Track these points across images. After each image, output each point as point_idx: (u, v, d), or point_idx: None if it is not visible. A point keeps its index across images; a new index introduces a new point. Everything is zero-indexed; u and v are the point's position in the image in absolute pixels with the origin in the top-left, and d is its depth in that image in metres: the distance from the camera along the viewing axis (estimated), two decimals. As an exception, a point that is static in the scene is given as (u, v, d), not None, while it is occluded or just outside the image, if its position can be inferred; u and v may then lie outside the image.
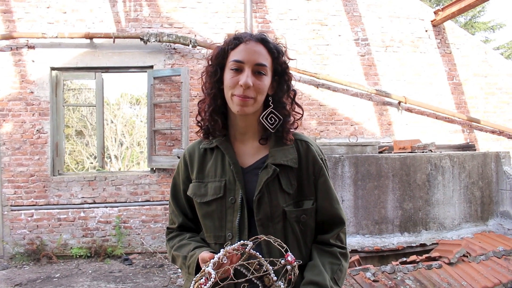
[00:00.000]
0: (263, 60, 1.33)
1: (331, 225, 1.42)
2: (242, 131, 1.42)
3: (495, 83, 7.51)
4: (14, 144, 6.32)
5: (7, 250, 6.20)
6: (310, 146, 1.43)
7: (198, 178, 1.42)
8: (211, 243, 1.40)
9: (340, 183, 4.58)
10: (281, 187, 1.34)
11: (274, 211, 1.32)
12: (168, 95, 6.64)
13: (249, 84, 1.28)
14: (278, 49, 1.38)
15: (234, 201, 1.34)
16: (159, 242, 6.46)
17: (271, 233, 1.31)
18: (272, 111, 1.38)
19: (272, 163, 1.34)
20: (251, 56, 1.32)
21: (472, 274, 3.73)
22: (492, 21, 17.24)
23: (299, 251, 1.36)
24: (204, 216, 1.40)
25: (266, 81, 1.34)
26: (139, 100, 17.04)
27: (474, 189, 4.97)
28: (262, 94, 1.33)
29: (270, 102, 1.39)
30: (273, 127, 1.37)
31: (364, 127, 7.10)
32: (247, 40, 1.34)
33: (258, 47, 1.34)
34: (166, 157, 6.46)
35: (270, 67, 1.36)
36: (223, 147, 1.40)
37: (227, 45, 1.36)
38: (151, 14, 6.64)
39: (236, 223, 1.33)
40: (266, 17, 6.91)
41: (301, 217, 1.35)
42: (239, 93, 1.30)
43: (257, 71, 1.32)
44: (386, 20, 7.22)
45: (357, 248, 4.32)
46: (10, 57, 6.36)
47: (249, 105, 1.31)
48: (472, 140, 7.34)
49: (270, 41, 1.37)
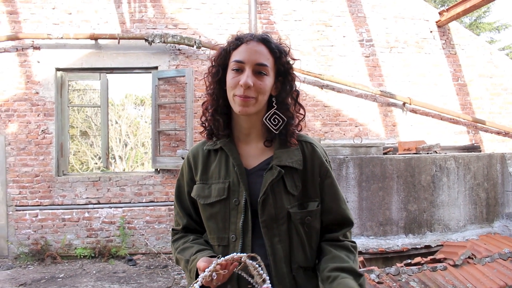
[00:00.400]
0: (264, 60, 1.32)
1: (339, 226, 1.41)
2: (246, 132, 1.41)
3: (501, 84, 7.48)
4: (19, 145, 6.35)
5: (12, 250, 6.23)
6: (315, 147, 1.42)
7: (202, 180, 1.42)
8: (214, 245, 1.39)
9: (344, 184, 4.57)
10: (286, 188, 1.33)
11: (278, 213, 1.32)
12: (172, 96, 6.65)
13: (249, 84, 1.27)
14: (280, 49, 1.36)
15: (238, 203, 1.33)
16: (163, 243, 6.46)
17: (276, 235, 1.31)
18: (276, 112, 1.37)
19: (277, 164, 1.33)
20: (251, 56, 1.31)
21: (477, 276, 3.71)
22: (497, 22, 17.17)
23: (304, 252, 1.35)
24: (207, 218, 1.40)
25: (268, 81, 1.33)
26: (143, 101, 17.09)
27: (479, 190, 4.94)
28: (263, 94, 1.32)
29: (273, 103, 1.38)
30: (277, 128, 1.36)
31: (368, 128, 7.08)
32: (249, 40, 1.34)
33: (259, 47, 1.33)
34: (170, 158, 6.47)
35: (272, 67, 1.34)
36: (227, 148, 1.39)
37: (229, 45, 1.36)
38: (155, 15, 6.66)
39: (240, 225, 1.32)
40: (270, 18, 6.91)
41: (306, 219, 1.34)
42: (240, 93, 1.29)
43: (257, 71, 1.31)
44: (391, 21, 7.20)
45: (362, 250, 4.30)
46: (16, 58, 6.40)
47: (250, 105, 1.30)
48: (477, 141, 7.30)
49: (272, 41, 1.36)
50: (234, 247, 1.32)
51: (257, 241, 1.32)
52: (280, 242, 1.32)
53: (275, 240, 1.31)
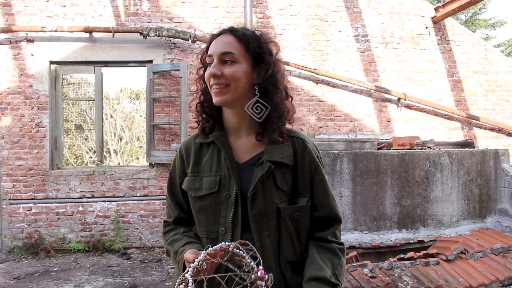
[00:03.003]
0: (228, 48, 1.33)
1: (328, 222, 1.42)
2: (236, 127, 1.42)
3: (495, 81, 7.51)
4: (12, 138, 6.31)
5: (6, 244, 6.21)
6: (306, 143, 1.42)
7: (194, 172, 1.43)
8: (203, 238, 1.40)
9: (338, 179, 4.58)
10: (276, 184, 1.34)
11: (268, 208, 1.32)
12: (167, 90, 6.63)
13: (214, 72, 1.31)
14: (248, 35, 1.36)
15: (228, 197, 1.34)
16: (157, 237, 6.46)
17: (265, 229, 1.32)
18: (258, 100, 1.36)
19: (267, 160, 1.34)
20: (217, 47, 1.34)
21: (469, 271, 3.74)
22: (493, 19, 17.23)
23: (293, 247, 1.36)
24: (198, 210, 1.40)
25: (237, 67, 1.33)
26: (138, 95, 17.04)
27: (472, 186, 4.98)
28: (236, 81, 1.32)
29: (256, 91, 1.37)
30: (259, 117, 1.35)
31: (363, 123, 7.10)
32: (218, 35, 1.38)
33: (227, 38, 1.35)
34: (165, 151, 6.45)
35: (242, 55, 1.35)
36: (219, 142, 1.40)
37: (208, 43, 1.40)
38: (150, 9, 6.62)
39: (229, 218, 1.33)
40: (266, 12, 6.89)
41: (295, 214, 1.35)
42: (212, 82, 1.32)
43: (223, 60, 1.33)
44: (386, 16, 7.20)
45: (355, 244, 4.32)
46: (9, 51, 6.34)
47: (224, 93, 1.32)
48: (471, 137, 7.34)
49: (239, 30, 1.38)
50: (223, 240, 1.33)
51: (246, 235, 1.32)
52: (269, 236, 1.33)
53: (264, 234, 1.32)
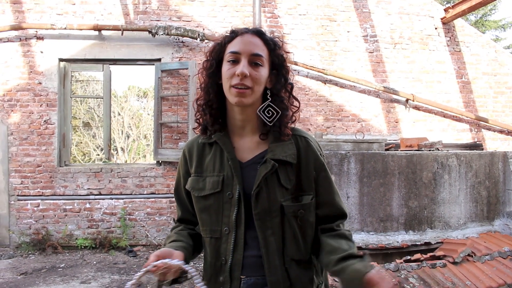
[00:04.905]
0: (259, 50, 1.33)
1: (333, 218, 1.43)
2: (241, 125, 1.42)
3: (505, 82, 7.45)
4: (21, 135, 6.36)
5: (13, 239, 6.26)
6: (309, 142, 1.43)
7: (197, 172, 1.43)
8: (206, 237, 1.41)
9: (345, 179, 4.56)
10: (279, 182, 1.34)
11: (272, 206, 1.33)
12: (175, 88, 6.64)
13: (246, 72, 1.28)
14: (274, 41, 1.39)
15: (231, 196, 1.35)
16: (164, 235, 6.48)
17: (269, 227, 1.33)
18: (270, 105, 1.37)
19: (271, 158, 1.34)
20: (247, 46, 1.32)
21: (476, 274, 3.71)
22: (503, 20, 17.09)
23: (297, 245, 1.36)
24: (201, 210, 1.41)
25: (263, 72, 1.34)
26: (146, 93, 17.08)
27: (480, 188, 4.94)
28: (259, 84, 1.33)
29: (268, 95, 1.38)
30: (271, 121, 1.37)
31: (371, 124, 7.07)
32: (243, 33, 1.36)
33: (254, 39, 1.35)
34: (172, 150, 6.47)
35: (267, 59, 1.36)
36: (222, 142, 1.40)
37: (224, 39, 1.38)
38: (159, 7, 6.64)
39: (233, 218, 1.34)
40: (275, 12, 6.88)
41: (299, 212, 1.35)
42: (236, 82, 1.30)
43: (253, 61, 1.32)
44: (396, 17, 7.16)
45: (362, 245, 4.31)
46: (19, 48, 6.39)
47: (247, 95, 1.31)
48: (480, 139, 7.29)
49: (266, 34, 1.39)
50: (227, 239, 1.34)
51: (250, 233, 1.34)
52: (273, 234, 1.33)
53: (268, 232, 1.33)
